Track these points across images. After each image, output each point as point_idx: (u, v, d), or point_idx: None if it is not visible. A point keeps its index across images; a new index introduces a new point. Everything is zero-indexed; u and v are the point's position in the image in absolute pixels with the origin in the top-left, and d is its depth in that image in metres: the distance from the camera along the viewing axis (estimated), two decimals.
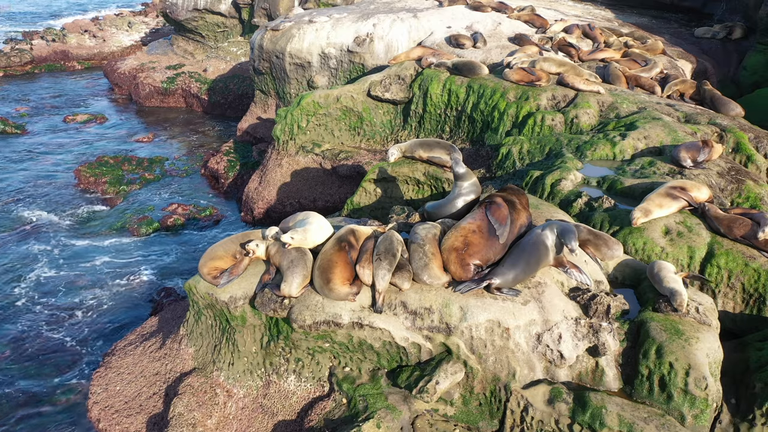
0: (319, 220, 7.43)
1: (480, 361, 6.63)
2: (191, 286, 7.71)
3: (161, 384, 8.19)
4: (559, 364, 6.62)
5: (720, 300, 7.93)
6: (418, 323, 6.73)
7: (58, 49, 33.90)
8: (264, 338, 7.43)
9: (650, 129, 11.00)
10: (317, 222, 7.32)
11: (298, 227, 7.22)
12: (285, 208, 14.97)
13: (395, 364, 7.04)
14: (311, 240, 7.16)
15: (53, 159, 21.16)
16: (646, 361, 6.44)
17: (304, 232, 7.05)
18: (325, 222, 7.49)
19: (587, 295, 7.01)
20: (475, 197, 8.03)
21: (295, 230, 7.07)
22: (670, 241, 8.18)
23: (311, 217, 7.47)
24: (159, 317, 9.97)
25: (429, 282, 6.85)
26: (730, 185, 9.78)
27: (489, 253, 6.91)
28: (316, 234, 7.19)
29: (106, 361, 9.15)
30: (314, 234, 7.15)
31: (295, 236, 6.98)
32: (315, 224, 7.26)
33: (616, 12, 22.48)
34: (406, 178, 10.80)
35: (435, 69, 14.57)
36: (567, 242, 6.94)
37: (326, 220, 7.57)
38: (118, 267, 14.82)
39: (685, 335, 6.48)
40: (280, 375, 7.44)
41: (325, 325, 6.74)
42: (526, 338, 6.63)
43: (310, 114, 15.14)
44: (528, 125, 12.31)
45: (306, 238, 7.06)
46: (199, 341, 8.14)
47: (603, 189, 9.60)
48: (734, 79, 18.09)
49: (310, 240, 7.15)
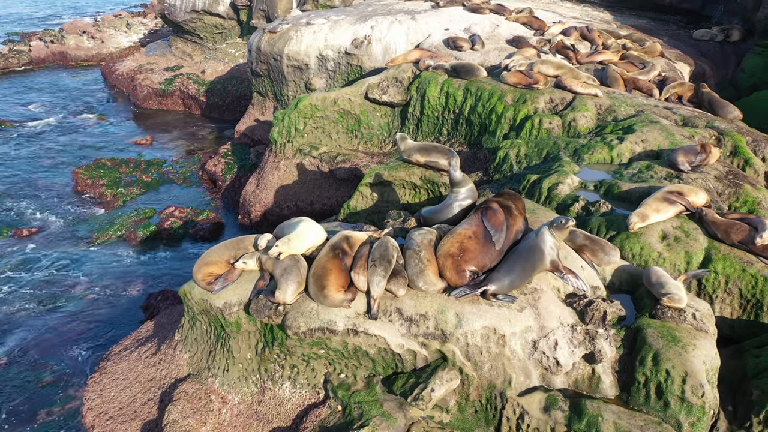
0: (308, 225, 7.38)
1: (476, 368, 6.58)
2: (186, 292, 7.67)
3: (156, 390, 8.15)
4: (555, 371, 6.58)
5: (717, 305, 7.90)
6: (414, 330, 6.69)
7: (56, 50, 33.89)
8: (259, 344, 7.39)
9: (648, 132, 10.97)
10: (305, 227, 7.28)
11: (283, 237, 7.20)
12: (282, 211, 14.93)
13: (391, 371, 6.99)
14: (299, 246, 7.13)
15: (50, 161, 21.14)
16: (642, 369, 6.40)
17: (288, 241, 7.02)
18: (314, 226, 7.43)
19: (583, 302, 6.97)
20: (471, 202, 7.99)
21: (281, 241, 7.04)
22: (667, 246, 8.14)
23: (300, 223, 7.44)
24: (155, 321, 9.92)
25: (424, 288, 6.80)
26: (727, 189, 9.75)
27: (485, 259, 6.87)
28: (304, 239, 7.15)
29: (102, 366, 9.10)
30: (301, 241, 7.12)
31: (282, 248, 6.96)
32: (301, 230, 7.23)
33: (614, 14, 22.47)
34: (403, 182, 10.76)
35: (433, 71, 14.54)
36: (558, 224, 6.89)
37: (316, 225, 7.50)
38: (115, 270, 14.79)
39: (681, 342, 6.44)
40: (275, 381, 7.40)
41: (320, 332, 6.69)
42: (522, 345, 6.59)
43: (307, 117, 15.10)
44: (525, 128, 12.27)
45: (292, 247, 7.03)
46: (194, 347, 8.09)
47: (600, 193, 9.56)
48: (732, 81, 18.06)
49: (298, 247, 7.12)
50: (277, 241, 7.09)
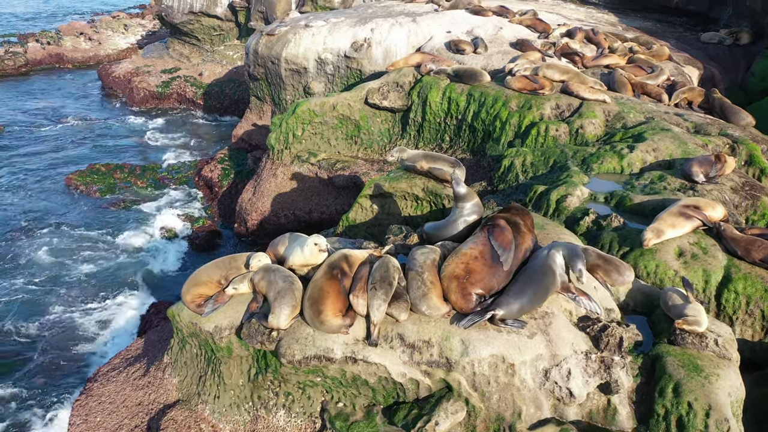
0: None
1: (483, 399, 6.14)
2: (174, 314, 7.23)
3: (143, 416, 7.71)
4: (568, 402, 6.13)
5: (738, 327, 7.45)
6: (417, 357, 6.25)
7: (53, 52, 33.47)
8: (252, 370, 6.95)
9: (659, 141, 10.53)
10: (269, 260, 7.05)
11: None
12: (280, 220, 14.50)
13: (392, 400, 6.55)
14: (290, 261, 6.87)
15: (43, 165, 20.68)
16: (662, 400, 5.96)
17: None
18: (301, 242, 7.01)
19: (598, 326, 6.52)
20: (477, 218, 7.54)
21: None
22: (684, 264, 7.70)
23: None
24: (145, 339, 9.49)
25: (428, 313, 6.36)
26: (744, 201, 9.31)
27: (492, 282, 6.42)
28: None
29: (88, 387, 8.67)
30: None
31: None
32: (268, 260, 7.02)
33: (619, 16, 22.01)
34: (405, 193, 10.31)
35: (434, 76, 14.10)
36: (573, 267, 6.48)
37: (303, 240, 7.05)
38: (107, 280, 14.36)
39: (704, 372, 6.00)
40: (268, 410, 6.96)
41: (316, 360, 6.26)
42: (533, 374, 6.15)
43: (305, 122, 14.67)
44: (531, 135, 11.84)
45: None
46: (184, 371, 7.66)
47: (611, 206, 9.12)
48: (743, 86, 17.59)
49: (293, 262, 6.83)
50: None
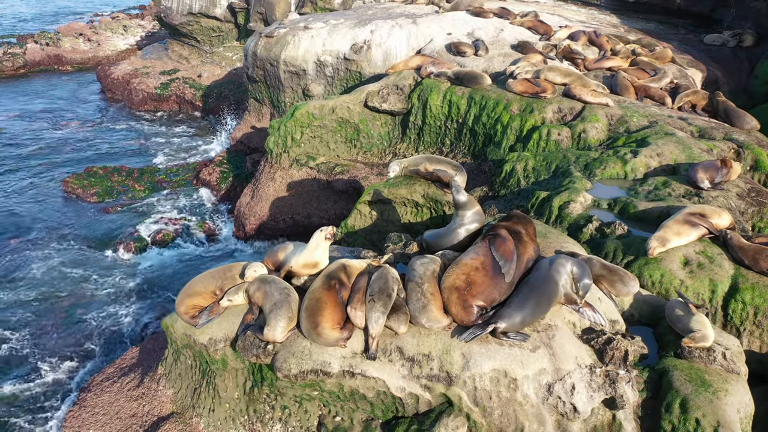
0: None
1: (484, 415, 5.97)
2: (168, 325, 7.07)
3: (137, 428, 7.53)
4: (572, 417, 5.96)
5: (745, 339, 7.28)
6: (416, 371, 6.08)
7: (51, 53, 33.27)
8: (247, 383, 6.78)
9: (663, 145, 10.36)
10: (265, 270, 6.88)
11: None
12: (278, 225, 14.33)
13: (391, 415, 6.38)
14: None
15: (40, 168, 20.50)
16: (669, 416, 5.79)
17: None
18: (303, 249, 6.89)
19: (602, 339, 6.35)
20: (478, 226, 7.37)
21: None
22: (690, 273, 7.53)
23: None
24: (140, 348, 9.32)
25: (428, 325, 6.19)
26: (750, 208, 9.15)
27: (494, 293, 6.25)
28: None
29: (81, 398, 8.49)
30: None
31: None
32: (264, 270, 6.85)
33: (621, 17, 21.84)
34: (404, 200, 10.14)
35: (435, 79, 13.93)
36: (579, 281, 6.33)
37: (304, 248, 6.92)
38: (103, 285, 14.18)
39: (712, 387, 5.83)
40: (264, 423, 6.79)
41: (313, 374, 6.09)
42: (536, 389, 5.98)
43: (304, 125, 14.50)
44: (533, 140, 11.67)
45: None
46: (178, 383, 7.49)
47: (615, 212, 8.95)
48: (746, 88, 17.40)
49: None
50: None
